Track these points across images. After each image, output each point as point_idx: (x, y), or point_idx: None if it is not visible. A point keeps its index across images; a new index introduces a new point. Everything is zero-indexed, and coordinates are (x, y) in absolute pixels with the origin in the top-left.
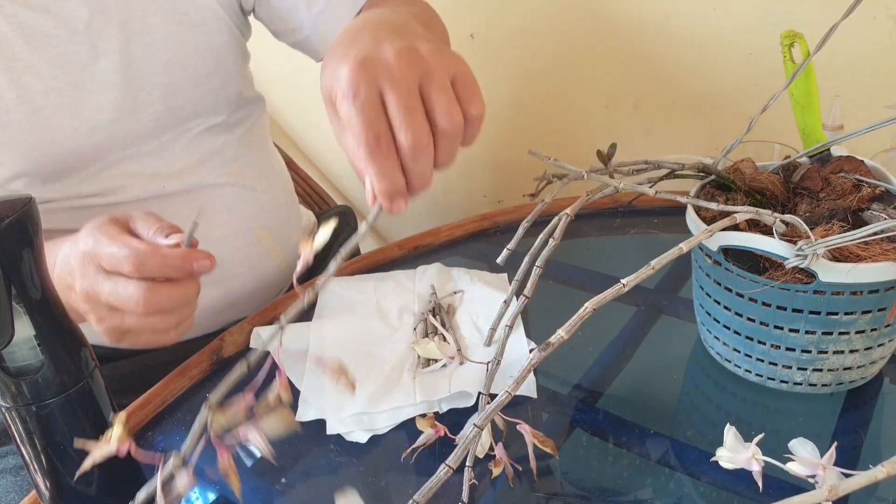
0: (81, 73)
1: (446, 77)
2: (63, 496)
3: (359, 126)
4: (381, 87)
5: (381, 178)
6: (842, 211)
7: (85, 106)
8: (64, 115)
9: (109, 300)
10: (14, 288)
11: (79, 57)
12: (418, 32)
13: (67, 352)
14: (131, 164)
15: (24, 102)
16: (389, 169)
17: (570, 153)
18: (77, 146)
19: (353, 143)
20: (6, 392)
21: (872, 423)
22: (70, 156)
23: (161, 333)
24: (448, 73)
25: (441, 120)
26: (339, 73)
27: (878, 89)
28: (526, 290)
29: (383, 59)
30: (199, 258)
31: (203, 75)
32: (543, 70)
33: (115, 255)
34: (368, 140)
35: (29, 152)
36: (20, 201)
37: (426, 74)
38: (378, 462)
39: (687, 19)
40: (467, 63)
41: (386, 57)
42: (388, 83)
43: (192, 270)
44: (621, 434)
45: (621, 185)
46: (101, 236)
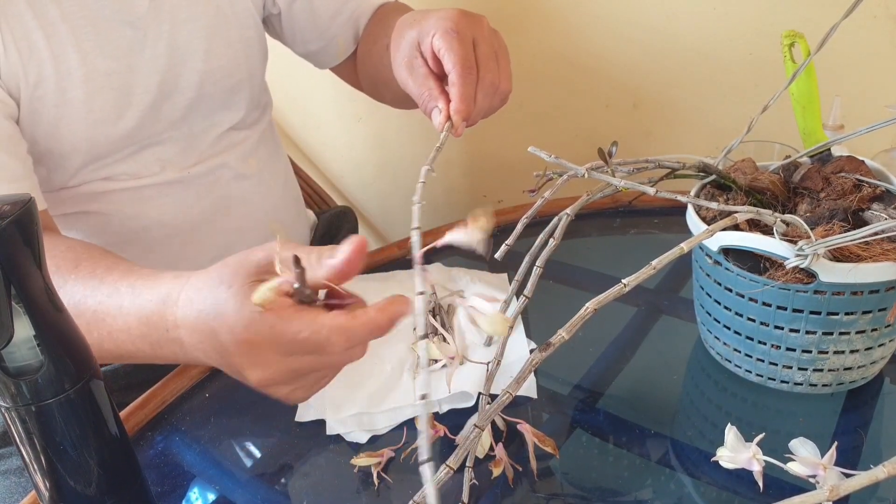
0: (136, 58)
1: (508, 59)
2: (63, 496)
3: (458, 55)
4: (475, 37)
5: (462, 100)
6: (842, 211)
7: (136, 89)
8: (120, 97)
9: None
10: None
11: (136, 41)
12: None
13: (67, 352)
14: (163, 148)
15: (88, 81)
16: (470, 94)
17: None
18: (125, 126)
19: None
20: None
21: (873, 423)
22: (118, 135)
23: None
24: (508, 59)
25: (503, 82)
26: (441, 15)
27: (878, 89)
28: (526, 290)
29: (478, 20)
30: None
31: (234, 66)
32: (543, 70)
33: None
34: (464, 66)
35: (85, 129)
36: (20, 201)
37: (499, 48)
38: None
39: (687, 19)
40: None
41: (480, 19)
42: (481, 37)
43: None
44: (621, 434)
45: (622, 184)
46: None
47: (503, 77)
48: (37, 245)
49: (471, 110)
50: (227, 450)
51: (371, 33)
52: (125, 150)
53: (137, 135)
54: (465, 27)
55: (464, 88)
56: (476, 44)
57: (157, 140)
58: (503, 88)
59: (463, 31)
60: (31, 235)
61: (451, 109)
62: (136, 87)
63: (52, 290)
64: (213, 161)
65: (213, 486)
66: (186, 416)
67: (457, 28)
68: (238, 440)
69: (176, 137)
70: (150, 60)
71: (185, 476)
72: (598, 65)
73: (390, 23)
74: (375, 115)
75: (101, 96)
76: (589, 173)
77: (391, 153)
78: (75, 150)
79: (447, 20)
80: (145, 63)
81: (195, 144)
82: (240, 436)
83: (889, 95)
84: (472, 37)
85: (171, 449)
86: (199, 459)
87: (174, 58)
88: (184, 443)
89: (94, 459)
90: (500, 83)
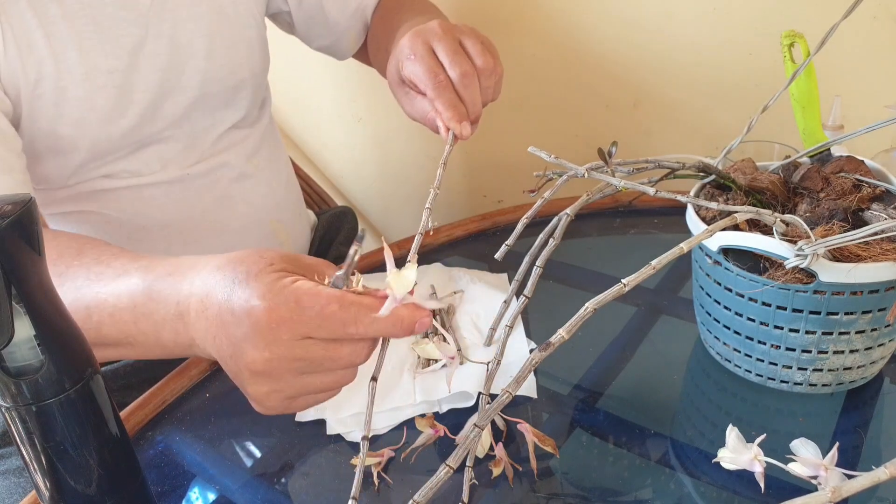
0: (138, 55)
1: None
2: (63, 496)
3: (422, 73)
4: (431, 44)
5: (447, 108)
6: (842, 211)
7: (137, 87)
8: (121, 95)
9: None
10: (14, 288)
11: (138, 39)
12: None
13: (67, 352)
14: (165, 146)
15: (89, 79)
16: (451, 99)
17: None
18: (126, 124)
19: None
20: (6, 392)
21: (873, 423)
22: (119, 133)
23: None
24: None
25: (478, 60)
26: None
27: (878, 89)
28: (526, 290)
29: (430, 28)
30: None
31: (235, 65)
32: (543, 70)
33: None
34: (431, 79)
35: (87, 127)
36: (21, 201)
37: (462, 34)
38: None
39: (687, 19)
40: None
41: (431, 26)
42: (436, 40)
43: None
44: (621, 434)
45: (622, 185)
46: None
47: (476, 57)
48: (37, 245)
49: (460, 111)
50: (228, 449)
51: (375, 35)
52: (126, 147)
53: (138, 133)
54: (420, 44)
55: (441, 98)
56: (435, 50)
57: (158, 138)
58: (481, 66)
59: (418, 48)
60: (31, 235)
61: (443, 120)
62: (137, 84)
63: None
64: (215, 160)
65: (214, 486)
66: (187, 416)
67: (412, 51)
68: (238, 440)
69: (177, 136)
70: (152, 58)
71: (186, 476)
72: (597, 65)
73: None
74: (375, 116)
75: (101, 94)
76: (589, 173)
77: (391, 153)
78: (76, 148)
79: (404, 48)
80: (147, 61)
81: (196, 143)
82: (240, 436)
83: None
84: (428, 48)
85: (172, 448)
86: (199, 459)
87: (176, 56)
88: (184, 442)
89: (94, 459)
90: (477, 65)
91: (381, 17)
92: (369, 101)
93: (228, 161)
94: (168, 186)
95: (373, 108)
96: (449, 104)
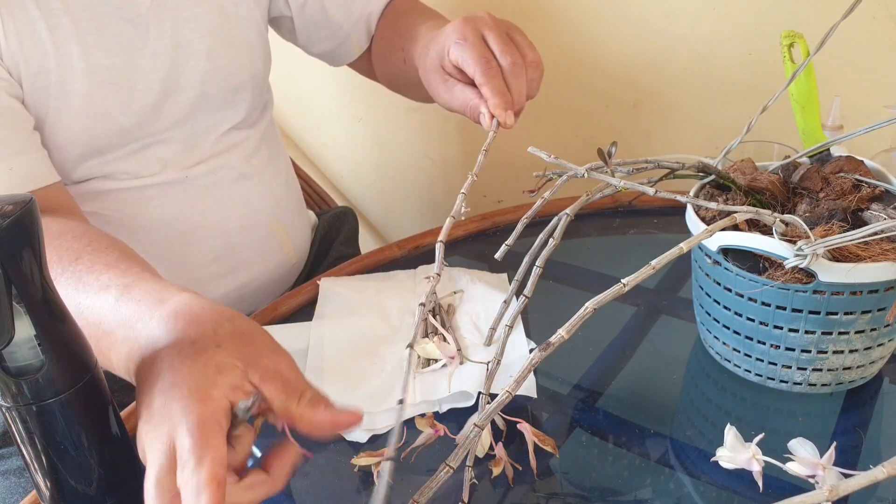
0: (136, 54)
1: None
2: (63, 496)
3: (472, 57)
4: (483, 32)
5: (495, 94)
6: (841, 211)
7: (137, 85)
8: (119, 92)
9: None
10: (14, 288)
11: (137, 38)
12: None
13: (68, 352)
14: (164, 148)
15: (89, 75)
16: (500, 86)
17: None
18: (126, 123)
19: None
20: (6, 392)
21: (872, 423)
22: (118, 132)
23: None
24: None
25: (528, 52)
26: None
27: (878, 89)
28: (526, 290)
29: (480, 17)
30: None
31: (236, 66)
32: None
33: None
34: (482, 65)
35: (85, 122)
36: (21, 201)
37: (509, 28)
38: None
39: (687, 19)
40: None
41: (481, 16)
42: (487, 28)
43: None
44: (621, 434)
45: (621, 185)
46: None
47: (525, 50)
48: (38, 245)
49: (507, 99)
50: None
51: (385, 38)
52: (126, 147)
53: (138, 132)
54: (470, 30)
55: (490, 84)
56: (486, 37)
57: (158, 139)
58: (530, 59)
59: (469, 35)
60: (31, 235)
61: (490, 107)
62: (137, 83)
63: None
64: (215, 161)
65: None
66: None
67: (463, 35)
68: None
69: (177, 137)
70: (152, 58)
71: None
72: (597, 65)
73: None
74: (375, 116)
75: (101, 90)
76: (588, 173)
77: (391, 153)
78: (73, 143)
79: (453, 33)
80: (147, 60)
81: (196, 144)
82: None
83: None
84: (479, 35)
85: None
86: None
87: (177, 56)
88: None
89: (94, 459)
90: (525, 56)
91: (391, 22)
92: (369, 101)
93: (228, 162)
94: (168, 187)
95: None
96: (498, 91)
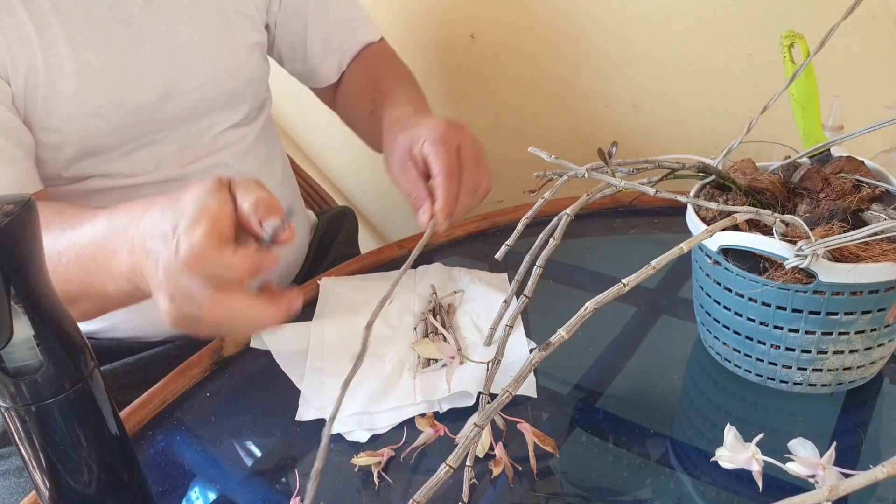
0: (130, 55)
1: (486, 157)
2: (63, 496)
3: (443, 162)
4: (459, 144)
5: (447, 201)
6: (842, 211)
7: (131, 86)
8: (112, 92)
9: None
10: (13, 288)
11: (130, 39)
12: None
13: (66, 352)
14: (160, 147)
15: (80, 75)
16: (453, 196)
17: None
18: (120, 124)
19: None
20: (5, 392)
21: (872, 423)
22: (112, 132)
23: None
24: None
25: (484, 181)
26: (430, 126)
27: (878, 89)
28: (526, 290)
29: (462, 128)
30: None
31: (236, 70)
32: (543, 70)
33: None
34: (447, 172)
35: (76, 123)
36: (20, 201)
37: (479, 152)
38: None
39: (687, 19)
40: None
41: (463, 128)
42: (465, 144)
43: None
44: (621, 434)
45: (622, 185)
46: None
47: (483, 177)
48: (37, 245)
49: (453, 209)
50: (228, 449)
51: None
52: (121, 147)
53: (134, 132)
54: (451, 136)
55: (447, 191)
56: (460, 149)
57: (155, 139)
58: (484, 187)
59: (449, 139)
60: (31, 235)
61: (436, 208)
62: (131, 84)
63: (52, 290)
64: (211, 159)
65: (214, 486)
66: (187, 416)
67: (443, 138)
68: (238, 439)
69: (174, 137)
70: (147, 60)
71: (186, 475)
72: (598, 65)
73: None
74: None
75: (92, 91)
76: (589, 174)
77: None
78: (67, 143)
79: (435, 130)
80: (142, 62)
81: (193, 143)
82: (240, 435)
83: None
84: (456, 144)
85: (172, 448)
86: (199, 459)
87: (175, 59)
88: (184, 442)
89: (94, 459)
90: (481, 183)
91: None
92: None
93: (224, 160)
94: (163, 186)
95: None
96: (450, 199)
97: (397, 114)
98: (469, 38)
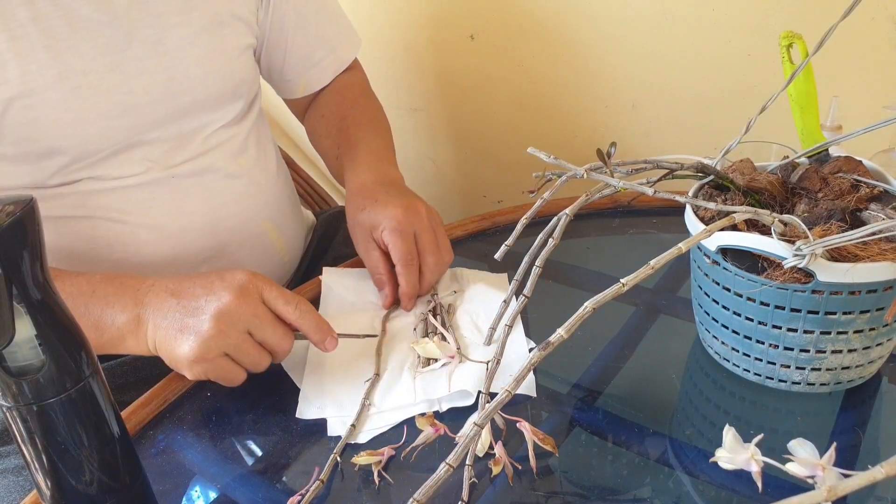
0: (117, 57)
1: (443, 229)
2: (64, 495)
3: (401, 251)
4: (416, 230)
5: (409, 286)
6: (840, 211)
7: (119, 89)
8: (99, 96)
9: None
10: (15, 288)
11: (116, 41)
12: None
13: (68, 351)
14: (151, 149)
15: (63, 80)
16: (414, 281)
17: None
18: (107, 127)
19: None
20: (7, 391)
21: (871, 423)
22: (100, 136)
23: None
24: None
25: (445, 255)
26: (388, 214)
27: (877, 89)
28: (525, 290)
29: (417, 212)
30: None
31: (228, 72)
32: (543, 70)
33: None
34: (406, 260)
35: (63, 129)
36: (21, 201)
37: (437, 225)
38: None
39: (687, 19)
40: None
41: (419, 211)
42: (421, 229)
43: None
44: (621, 433)
45: (621, 185)
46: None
47: (444, 254)
48: (38, 245)
49: (415, 291)
50: (229, 448)
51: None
52: (109, 149)
53: (123, 135)
54: (407, 224)
55: (408, 278)
56: (417, 236)
57: (144, 140)
58: (445, 260)
59: (405, 229)
60: (32, 235)
61: (399, 293)
62: (118, 86)
63: (54, 289)
64: (201, 160)
65: (215, 485)
66: (188, 415)
67: (400, 228)
68: (239, 439)
69: (164, 138)
70: (135, 62)
71: (187, 474)
72: (597, 65)
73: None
74: None
75: (77, 95)
76: (588, 174)
77: None
78: (54, 151)
79: (392, 220)
80: (129, 64)
81: (183, 144)
82: (241, 434)
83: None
84: (412, 231)
85: (173, 447)
86: (200, 458)
87: (164, 61)
88: (185, 441)
89: (95, 458)
90: (442, 258)
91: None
92: None
93: (215, 161)
94: (154, 187)
95: None
96: (412, 284)
97: (359, 181)
98: (469, 38)
